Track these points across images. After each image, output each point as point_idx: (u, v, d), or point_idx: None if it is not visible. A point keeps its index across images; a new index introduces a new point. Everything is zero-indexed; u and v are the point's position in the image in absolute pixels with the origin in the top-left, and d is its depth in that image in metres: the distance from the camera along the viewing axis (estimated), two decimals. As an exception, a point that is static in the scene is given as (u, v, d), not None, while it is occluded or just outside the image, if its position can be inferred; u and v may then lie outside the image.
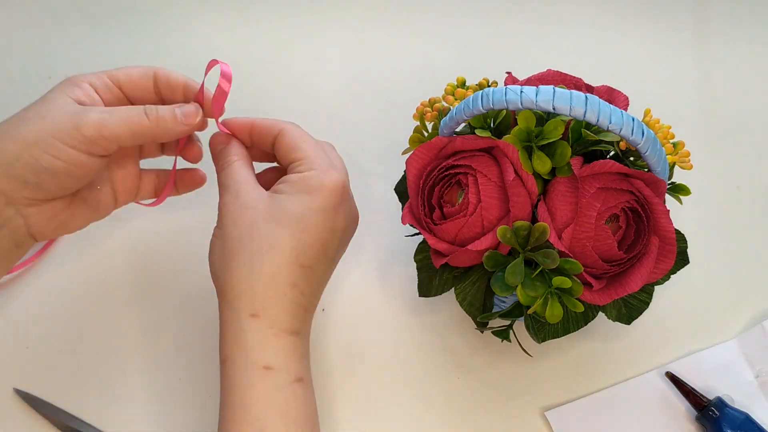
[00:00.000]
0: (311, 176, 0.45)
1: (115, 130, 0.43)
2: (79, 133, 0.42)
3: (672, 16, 0.74)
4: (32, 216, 0.45)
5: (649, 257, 0.45)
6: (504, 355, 0.57)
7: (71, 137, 0.42)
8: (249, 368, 0.42)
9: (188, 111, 0.47)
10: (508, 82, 0.53)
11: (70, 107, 0.44)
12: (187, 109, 0.47)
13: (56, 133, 0.42)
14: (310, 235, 0.44)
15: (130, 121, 0.44)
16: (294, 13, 0.73)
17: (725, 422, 0.52)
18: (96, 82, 0.46)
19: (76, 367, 0.56)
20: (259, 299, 0.43)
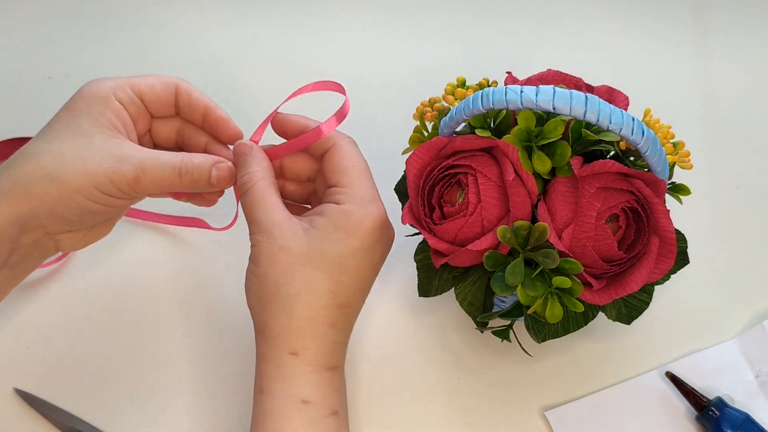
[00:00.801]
0: (351, 213, 0.44)
1: (147, 187, 0.44)
2: (116, 188, 0.43)
3: (672, 16, 0.74)
4: (63, 239, 0.46)
5: (649, 257, 0.45)
6: (504, 355, 0.57)
7: (109, 189, 0.43)
8: (286, 401, 0.43)
9: (223, 176, 0.46)
10: (508, 82, 0.53)
11: (107, 148, 0.44)
12: (222, 173, 0.46)
13: (96, 184, 0.43)
14: (348, 276, 0.44)
15: (163, 182, 0.45)
16: (294, 13, 0.73)
17: (725, 422, 0.52)
18: (122, 96, 0.46)
19: (75, 367, 0.56)
20: (298, 339, 0.44)
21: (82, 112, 0.45)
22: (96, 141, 0.44)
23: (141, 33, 0.72)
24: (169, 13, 0.73)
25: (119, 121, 0.46)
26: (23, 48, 0.71)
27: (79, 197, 0.43)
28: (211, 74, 0.70)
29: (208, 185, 0.46)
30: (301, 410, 0.43)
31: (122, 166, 0.43)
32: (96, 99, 0.45)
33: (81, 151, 0.43)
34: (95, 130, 0.44)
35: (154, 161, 0.44)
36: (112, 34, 0.72)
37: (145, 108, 0.48)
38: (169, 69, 0.70)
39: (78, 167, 0.43)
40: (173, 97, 0.48)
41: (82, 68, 0.70)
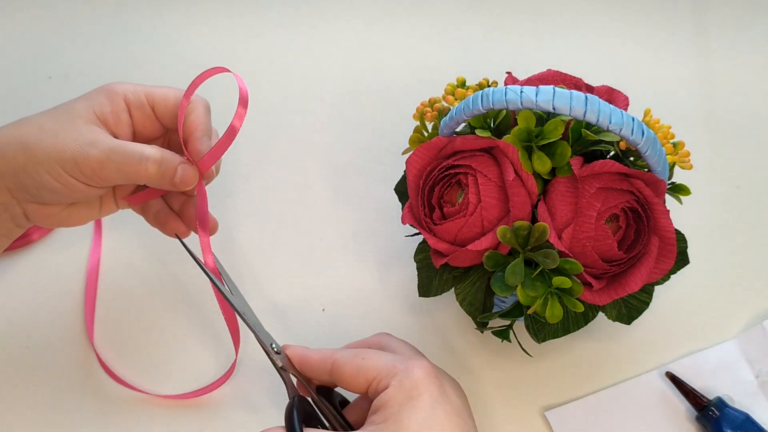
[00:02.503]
0: (401, 382, 0.42)
1: (110, 174, 0.45)
2: (78, 169, 0.44)
3: (672, 17, 0.74)
4: (30, 211, 0.47)
5: (649, 257, 0.45)
6: (504, 355, 0.57)
7: (71, 169, 0.44)
8: None
9: (187, 177, 0.46)
10: (508, 82, 0.53)
11: (83, 133, 0.44)
12: (187, 173, 0.46)
13: (60, 161, 0.43)
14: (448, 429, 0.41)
15: (126, 170, 0.45)
16: (294, 13, 0.73)
17: (725, 422, 0.52)
18: (131, 98, 0.47)
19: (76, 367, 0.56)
20: None
21: (86, 98, 0.46)
22: (78, 123, 0.45)
23: (140, 33, 0.72)
24: (169, 13, 0.73)
25: (113, 119, 0.46)
26: (23, 48, 0.71)
27: (41, 170, 0.44)
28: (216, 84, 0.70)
29: (171, 183, 0.46)
30: None
31: (89, 150, 0.44)
32: (105, 92, 0.47)
33: (59, 128, 0.44)
34: (84, 115, 0.45)
35: (122, 148, 0.45)
36: (111, 34, 0.72)
37: (155, 117, 0.48)
38: (169, 69, 0.70)
39: (49, 142, 0.44)
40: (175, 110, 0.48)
41: (82, 68, 0.70)
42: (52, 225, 0.49)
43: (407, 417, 0.40)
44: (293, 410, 0.43)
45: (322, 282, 0.60)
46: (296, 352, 0.46)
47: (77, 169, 0.44)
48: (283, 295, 0.59)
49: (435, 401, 0.41)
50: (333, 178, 0.64)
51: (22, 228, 0.48)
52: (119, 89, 0.47)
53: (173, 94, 0.48)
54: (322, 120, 0.68)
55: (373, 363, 0.43)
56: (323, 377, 0.45)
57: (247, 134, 0.67)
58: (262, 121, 0.67)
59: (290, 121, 0.67)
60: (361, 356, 0.44)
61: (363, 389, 0.43)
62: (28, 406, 0.55)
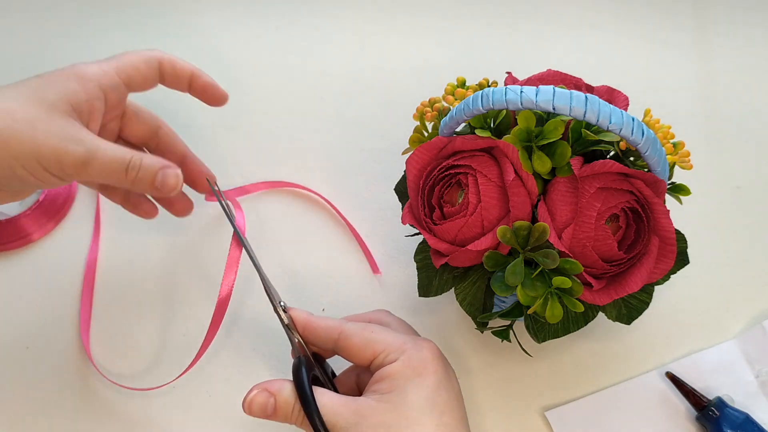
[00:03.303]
0: (411, 357, 0.43)
1: (92, 176, 0.43)
2: (60, 167, 0.42)
3: (672, 17, 0.74)
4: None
5: (649, 257, 0.45)
6: (504, 355, 0.57)
7: (51, 165, 0.41)
8: None
9: (169, 183, 0.44)
10: (508, 82, 0.53)
11: (65, 128, 0.42)
12: (169, 179, 0.44)
13: (38, 156, 0.41)
14: (450, 414, 0.42)
15: (110, 174, 0.43)
16: (294, 13, 0.73)
17: (725, 422, 0.52)
18: (106, 83, 0.45)
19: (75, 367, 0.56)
20: None
21: (56, 84, 0.43)
22: (56, 115, 0.42)
23: (140, 33, 0.72)
24: (169, 14, 0.73)
25: (87, 108, 0.44)
26: (23, 48, 0.71)
27: (17, 165, 0.41)
28: (211, 74, 0.70)
29: (152, 188, 0.44)
30: None
31: (73, 147, 0.41)
32: (77, 77, 0.44)
33: (35, 119, 0.41)
34: (60, 105, 0.42)
35: (106, 150, 0.43)
36: (111, 34, 0.72)
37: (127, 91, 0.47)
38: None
39: (26, 134, 0.41)
40: (157, 72, 0.47)
41: (82, 68, 0.70)
42: None
43: (413, 392, 0.41)
44: (301, 368, 0.43)
45: (323, 282, 0.60)
46: (301, 316, 0.46)
47: (58, 167, 0.42)
48: (283, 295, 0.59)
49: (440, 382, 0.42)
50: (333, 178, 0.64)
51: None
52: (89, 73, 0.44)
53: (142, 60, 0.47)
54: (322, 120, 0.67)
55: (382, 337, 0.44)
56: (327, 345, 0.46)
57: (247, 134, 0.67)
58: (261, 121, 0.67)
59: (290, 121, 0.67)
60: (370, 329, 0.45)
61: (367, 361, 0.44)
62: (28, 406, 0.55)
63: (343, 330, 0.45)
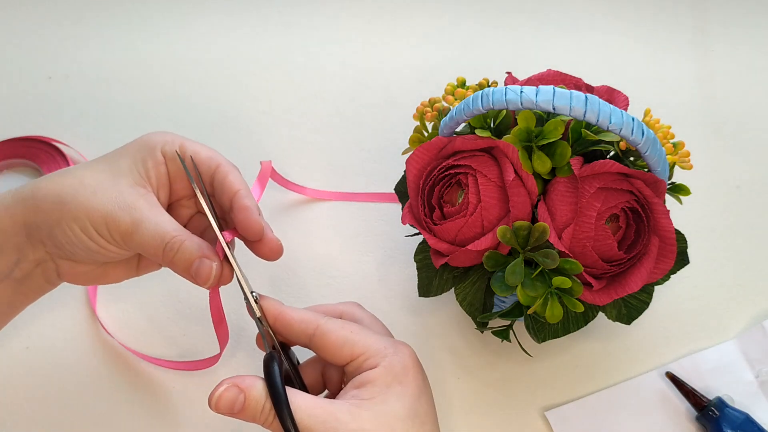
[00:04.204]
0: (392, 365, 0.41)
1: (133, 245, 0.43)
2: (108, 232, 0.42)
3: (672, 17, 0.74)
4: (64, 268, 0.45)
5: (649, 257, 0.45)
6: (504, 355, 0.57)
7: (101, 229, 0.42)
8: None
9: (203, 273, 0.43)
10: (508, 82, 0.53)
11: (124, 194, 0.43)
12: (204, 270, 0.43)
13: (92, 220, 0.42)
14: (430, 422, 0.42)
15: (148, 247, 0.43)
16: (294, 13, 0.73)
17: (725, 422, 0.52)
18: (168, 150, 0.45)
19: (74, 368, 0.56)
20: None
21: (129, 154, 0.45)
22: (122, 183, 0.43)
23: (141, 33, 0.72)
24: (170, 13, 0.73)
25: (155, 173, 0.45)
26: (23, 48, 0.71)
27: (75, 227, 0.42)
28: (211, 74, 0.70)
29: (188, 273, 0.43)
30: None
31: (120, 214, 0.42)
32: (146, 146, 0.45)
33: (100, 186, 0.43)
34: (128, 174, 0.44)
35: (151, 224, 0.43)
36: (111, 34, 0.72)
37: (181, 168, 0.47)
38: (169, 69, 0.70)
39: (85, 199, 0.42)
40: (212, 171, 0.46)
41: (82, 68, 0.70)
42: (85, 283, 0.47)
43: (395, 401, 0.40)
44: (273, 364, 0.41)
45: (323, 282, 0.60)
46: (273, 306, 0.44)
47: (106, 232, 0.42)
48: (282, 295, 0.59)
49: (420, 391, 0.42)
50: (333, 178, 0.64)
51: (53, 285, 0.47)
52: (154, 141, 0.45)
53: (205, 153, 0.46)
54: (322, 120, 0.68)
55: (362, 339, 0.42)
56: (300, 339, 0.44)
57: (247, 134, 0.67)
58: (262, 121, 0.67)
59: (290, 121, 0.67)
60: (349, 329, 0.43)
61: (344, 362, 0.42)
62: (28, 405, 0.55)
63: (319, 326, 0.43)
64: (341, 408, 0.40)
